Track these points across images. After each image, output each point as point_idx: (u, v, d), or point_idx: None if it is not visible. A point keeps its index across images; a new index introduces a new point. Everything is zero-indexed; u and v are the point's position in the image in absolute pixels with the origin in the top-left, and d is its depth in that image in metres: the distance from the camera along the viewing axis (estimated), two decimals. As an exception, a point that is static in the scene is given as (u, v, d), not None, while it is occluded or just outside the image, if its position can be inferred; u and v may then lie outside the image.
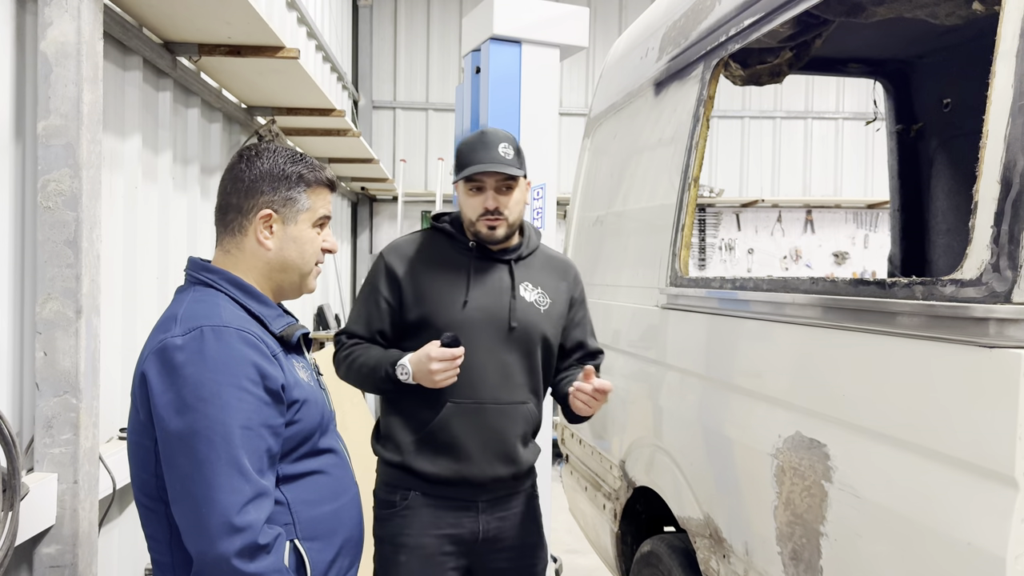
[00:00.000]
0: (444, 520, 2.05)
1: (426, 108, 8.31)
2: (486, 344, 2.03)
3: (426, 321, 2.05)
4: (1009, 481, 1.19)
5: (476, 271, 2.09)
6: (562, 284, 2.21)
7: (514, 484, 2.14)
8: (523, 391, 2.10)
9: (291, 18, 5.31)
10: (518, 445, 2.10)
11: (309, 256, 1.57)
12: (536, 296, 2.13)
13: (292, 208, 1.53)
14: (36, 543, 2.02)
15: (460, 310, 2.04)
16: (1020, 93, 1.24)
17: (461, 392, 2.01)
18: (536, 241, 2.22)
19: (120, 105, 2.74)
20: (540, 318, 2.12)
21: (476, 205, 2.04)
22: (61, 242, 2.01)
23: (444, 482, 2.04)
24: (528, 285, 2.13)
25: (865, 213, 8.55)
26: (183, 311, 1.43)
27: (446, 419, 2.02)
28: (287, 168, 1.52)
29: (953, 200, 3.06)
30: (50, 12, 1.99)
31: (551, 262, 2.23)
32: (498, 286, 2.09)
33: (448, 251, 2.12)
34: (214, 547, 1.30)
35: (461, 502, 2.06)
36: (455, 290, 2.06)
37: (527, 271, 2.15)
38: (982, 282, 1.26)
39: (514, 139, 2.08)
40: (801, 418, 1.77)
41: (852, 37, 2.82)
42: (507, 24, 3.13)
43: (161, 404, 1.35)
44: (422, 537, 2.04)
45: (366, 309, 2.12)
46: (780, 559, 1.79)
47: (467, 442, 2.03)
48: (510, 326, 2.06)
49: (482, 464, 2.04)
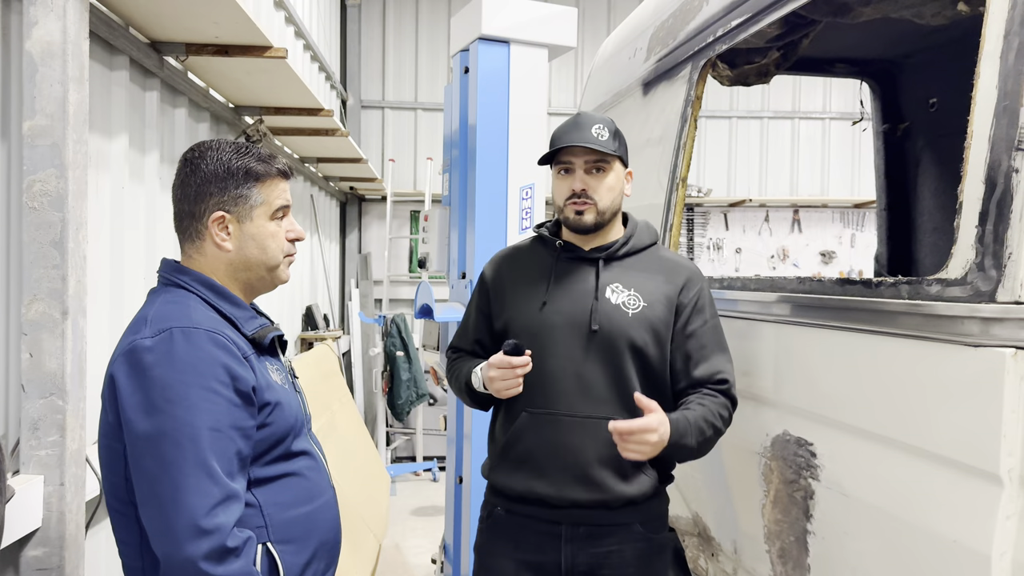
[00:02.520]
0: (525, 543, 1.88)
1: (415, 108, 8.29)
2: (564, 350, 1.85)
3: (508, 326, 1.94)
4: (994, 479, 1.20)
5: (559, 272, 1.93)
6: (666, 287, 1.90)
7: (604, 515, 1.84)
8: (608, 405, 1.83)
9: (279, 17, 5.29)
10: (597, 466, 1.82)
11: (273, 251, 1.53)
12: (625, 298, 1.88)
13: (244, 205, 1.49)
14: (22, 546, 2.00)
15: (537, 313, 1.89)
16: (1004, 93, 1.25)
17: (536, 401, 1.85)
18: (645, 240, 1.98)
19: (106, 105, 2.72)
20: (627, 322, 1.85)
21: (564, 188, 1.89)
22: (47, 243, 2.00)
23: (520, 499, 1.88)
24: (618, 286, 1.89)
25: (852, 213, 8.59)
26: (154, 312, 1.42)
27: (520, 430, 1.87)
28: (233, 164, 1.49)
29: (939, 199, 3.09)
30: (35, 11, 1.98)
31: (659, 264, 1.95)
32: (582, 287, 1.90)
33: (538, 254, 2.00)
34: (181, 550, 1.28)
35: (543, 524, 1.86)
36: (535, 292, 1.92)
37: (622, 271, 1.92)
38: (967, 281, 1.27)
39: (612, 123, 1.91)
40: (788, 417, 1.77)
41: (839, 37, 2.83)
42: (495, 24, 3.13)
43: (129, 406, 1.34)
44: (502, 559, 1.91)
45: (466, 322, 2.08)
46: (768, 557, 1.80)
47: (540, 456, 1.85)
48: (591, 330, 1.84)
49: (557, 483, 1.83)
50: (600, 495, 1.82)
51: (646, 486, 1.85)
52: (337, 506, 1.62)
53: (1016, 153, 1.21)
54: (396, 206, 7.96)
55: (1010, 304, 1.20)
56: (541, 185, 3.25)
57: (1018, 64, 1.23)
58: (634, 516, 1.86)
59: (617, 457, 1.76)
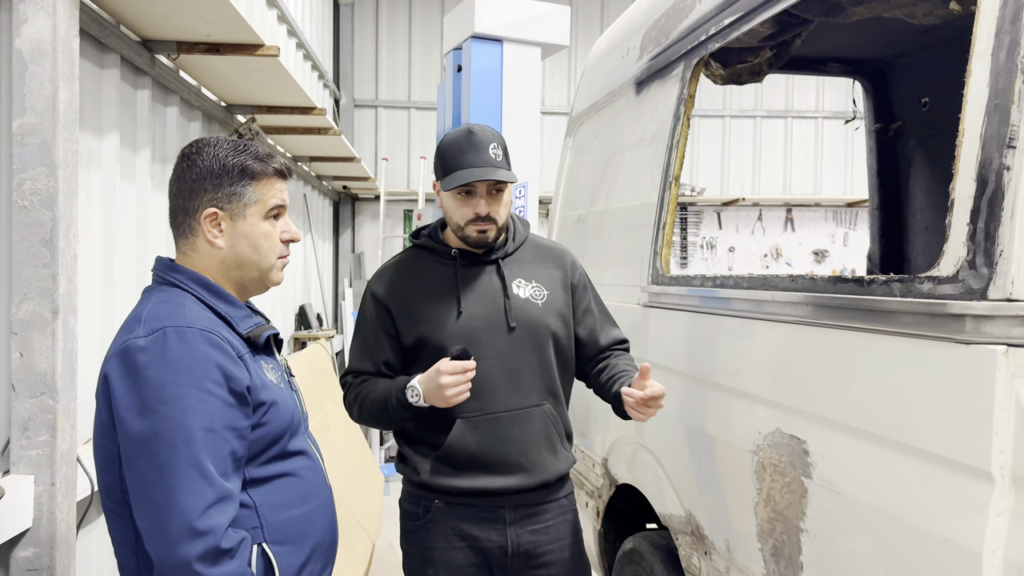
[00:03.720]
0: (469, 531, 1.95)
1: (408, 107, 8.29)
2: (489, 351, 1.92)
3: (424, 341, 1.94)
4: (985, 476, 1.21)
5: (464, 279, 1.98)
6: (557, 272, 2.06)
7: (543, 494, 1.99)
8: (537, 393, 1.96)
9: (271, 16, 5.28)
10: (541, 451, 1.96)
11: (266, 251, 1.51)
12: (531, 291, 2.00)
13: (238, 203, 1.47)
14: (12, 546, 2.00)
15: (455, 322, 1.93)
16: (996, 92, 1.25)
17: (469, 406, 1.89)
18: (524, 233, 2.10)
19: (97, 103, 2.71)
20: (540, 313, 1.98)
21: (466, 211, 1.92)
22: (37, 242, 1.99)
23: (463, 494, 1.94)
24: (521, 281, 2.01)
25: (844, 211, 8.62)
26: (147, 311, 1.41)
27: (459, 437, 1.91)
28: (229, 161, 1.47)
29: (931, 198, 3.10)
30: (25, 9, 1.97)
31: (543, 252, 2.09)
32: (489, 289, 1.98)
33: (432, 265, 2.01)
34: (175, 552, 1.28)
35: (486, 511, 1.95)
36: (446, 303, 1.95)
37: (518, 267, 2.03)
38: (959, 279, 1.27)
39: (501, 137, 1.99)
40: (781, 415, 1.78)
41: (831, 37, 2.84)
42: (488, 22, 3.13)
43: (123, 406, 1.33)
44: (449, 551, 1.95)
45: (364, 343, 2.02)
46: (761, 555, 1.80)
47: (486, 457, 1.92)
48: (509, 327, 1.94)
49: (504, 475, 1.92)
50: (542, 476, 1.96)
51: (568, 458, 2.03)
52: (334, 506, 1.61)
53: (1007, 151, 1.22)
54: (389, 205, 7.94)
55: (1001, 301, 1.20)
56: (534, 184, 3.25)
57: (1009, 62, 1.24)
58: (563, 489, 2.04)
59: (547, 437, 1.97)
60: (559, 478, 2.01)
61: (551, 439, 1.98)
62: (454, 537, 1.95)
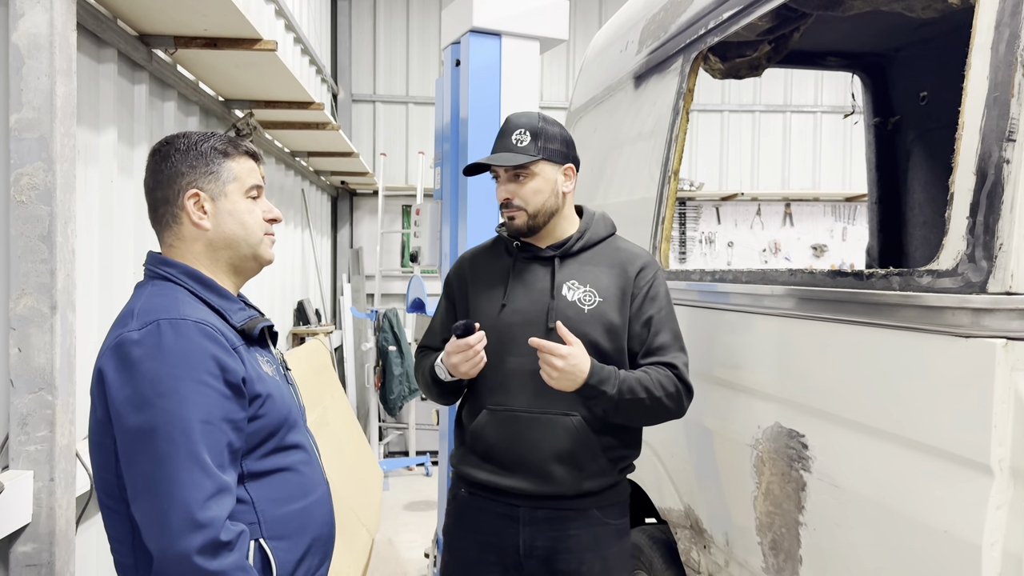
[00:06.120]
0: (485, 526, 1.93)
1: (406, 101, 8.27)
2: (523, 349, 1.86)
3: None
4: (984, 469, 1.21)
5: (517, 272, 1.96)
6: (618, 280, 1.92)
7: (566, 503, 1.88)
8: (566, 402, 1.85)
9: (268, 10, 5.26)
10: (560, 462, 1.85)
11: (252, 227, 1.53)
12: (581, 295, 1.90)
13: (217, 181, 1.50)
14: (12, 541, 1.99)
15: (497, 315, 1.92)
16: (995, 85, 1.25)
17: (496, 399, 1.90)
18: (601, 232, 1.99)
19: (95, 98, 2.70)
20: (583, 319, 1.87)
21: (499, 195, 1.94)
22: (35, 237, 1.98)
23: (481, 486, 1.94)
24: (574, 283, 1.91)
25: (843, 206, 8.62)
26: (140, 305, 1.40)
27: (482, 426, 1.92)
28: (201, 145, 1.50)
29: (930, 192, 3.10)
30: (21, 3, 1.96)
31: (613, 256, 1.96)
32: (539, 286, 1.93)
33: (499, 255, 2.02)
34: (175, 544, 1.27)
35: (502, 507, 1.91)
36: (495, 294, 1.96)
37: (576, 267, 1.94)
38: (958, 272, 1.27)
39: (536, 120, 1.91)
40: (780, 409, 1.78)
41: (830, 31, 2.83)
42: (487, 16, 3.12)
43: (119, 400, 1.32)
44: (464, 541, 1.97)
45: (433, 321, 2.11)
46: (760, 549, 1.81)
47: (502, 453, 1.90)
48: (548, 328, 1.86)
49: (516, 477, 1.88)
50: (556, 488, 1.86)
51: (604, 478, 1.90)
52: (331, 501, 1.61)
53: (1007, 144, 1.21)
54: (388, 200, 7.93)
55: (1001, 295, 1.21)
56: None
57: (1008, 55, 1.24)
58: (591, 503, 1.90)
59: (574, 451, 1.84)
60: (582, 494, 1.88)
61: (576, 452, 1.85)
62: (471, 527, 1.96)
